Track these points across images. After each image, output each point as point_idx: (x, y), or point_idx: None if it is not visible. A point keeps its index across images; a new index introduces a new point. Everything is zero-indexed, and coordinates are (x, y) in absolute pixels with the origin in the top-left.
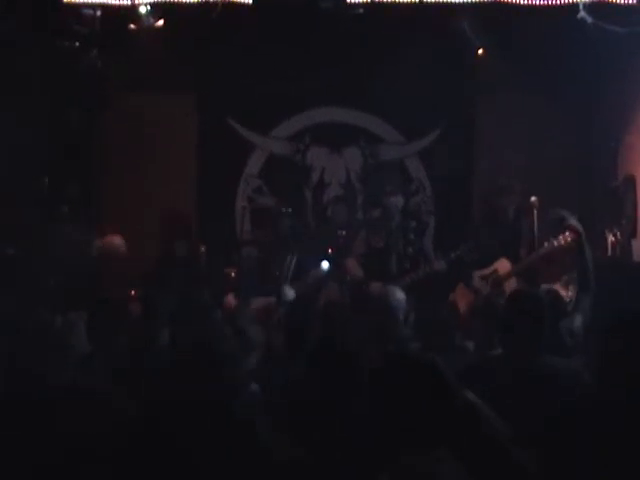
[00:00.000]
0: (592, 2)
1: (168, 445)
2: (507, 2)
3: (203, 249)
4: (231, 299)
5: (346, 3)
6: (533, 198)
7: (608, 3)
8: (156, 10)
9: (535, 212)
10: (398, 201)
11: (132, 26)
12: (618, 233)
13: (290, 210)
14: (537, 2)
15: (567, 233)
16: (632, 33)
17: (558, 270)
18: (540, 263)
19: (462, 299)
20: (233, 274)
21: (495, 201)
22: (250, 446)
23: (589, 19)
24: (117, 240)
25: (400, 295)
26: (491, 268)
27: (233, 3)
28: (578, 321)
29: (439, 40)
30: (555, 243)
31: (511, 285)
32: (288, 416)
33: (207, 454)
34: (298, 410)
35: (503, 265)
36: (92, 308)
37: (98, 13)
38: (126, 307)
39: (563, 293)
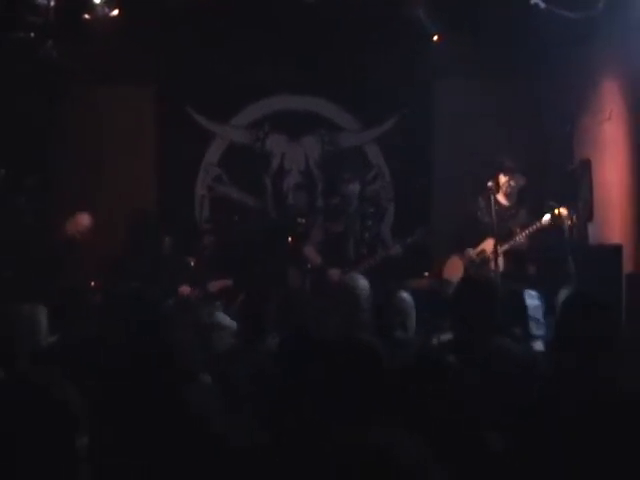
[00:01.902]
0: None
1: (123, 431)
2: None
3: (168, 239)
4: (186, 289)
5: None
6: (490, 183)
7: None
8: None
9: (492, 197)
10: (356, 188)
11: (87, 16)
12: (574, 216)
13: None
14: None
15: (560, 210)
16: (584, 17)
17: None
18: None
19: (453, 272)
20: (192, 263)
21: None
22: (203, 430)
23: (542, 4)
24: (85, 218)
25: (364, 282)
26: (478, 248)
27: None
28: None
29: (395, 26)
30: (544, 222)
31: (498, 264)
32: (259, 403)
33: (160, 438)
34: (268, 397)
35: (490, 245)
36: (58, 298)
37: (52, 3)
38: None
39: None
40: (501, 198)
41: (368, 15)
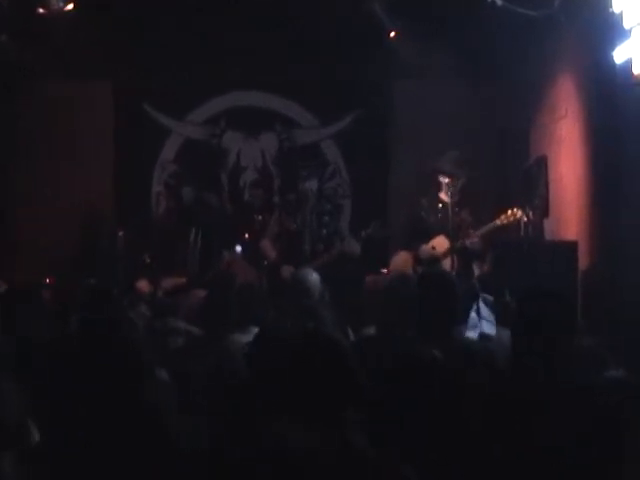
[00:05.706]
0: None
1: (77, 430)
2: None
3: (121, 234)
4: (143, 284)
5: None
6: (446, 180)
7: None
8: None
9: (449, 193)
10: (312, 185)
11: (42, 10)
12: (531, 213)
13: (191, 188)
14: None
15: (514, 210)
16: (541, 16)
17: None
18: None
19: (401, 268)
20: (148, 259)
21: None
22: (155, 430)
23: (499, 2)
24: None
25: (314, 276)
26: (429, 245)
27: None
28: None
29: (354, 23)
30: (498, 222)
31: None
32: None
33: (112, 438)
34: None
35: (440, 242)
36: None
37: None
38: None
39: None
40: (443, 196)
41: (327, 12)
